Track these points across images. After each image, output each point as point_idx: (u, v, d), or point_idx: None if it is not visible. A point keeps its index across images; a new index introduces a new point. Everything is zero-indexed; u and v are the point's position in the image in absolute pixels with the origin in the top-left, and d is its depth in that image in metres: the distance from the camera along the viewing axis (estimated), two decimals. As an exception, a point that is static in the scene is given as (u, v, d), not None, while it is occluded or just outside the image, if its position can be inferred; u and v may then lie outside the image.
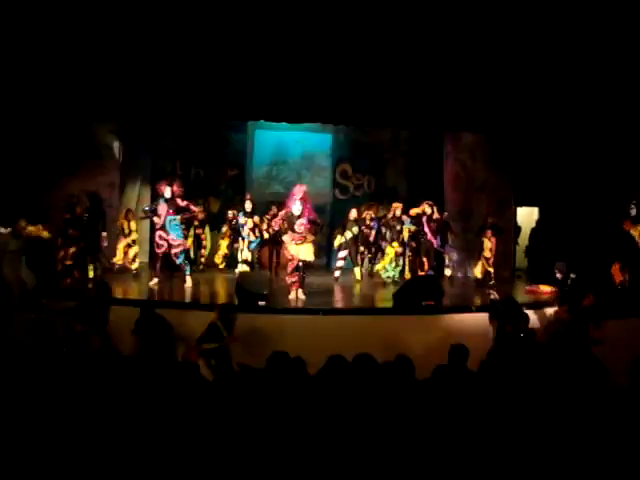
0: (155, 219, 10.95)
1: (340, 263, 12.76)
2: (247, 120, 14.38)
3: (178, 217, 10.95)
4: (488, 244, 12.40)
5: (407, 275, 12.42)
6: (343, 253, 12.76)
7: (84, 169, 13.13)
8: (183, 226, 11.35)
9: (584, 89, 10.67)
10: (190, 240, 12.87)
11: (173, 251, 10.85)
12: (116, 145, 13.78)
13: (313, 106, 11.16)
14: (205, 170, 15.58)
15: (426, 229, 12.39)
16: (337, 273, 12.61)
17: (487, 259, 12.40)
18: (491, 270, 12.33)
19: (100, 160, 13.48)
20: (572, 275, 8.92)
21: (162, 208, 10.80)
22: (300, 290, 10.11)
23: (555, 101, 10.98)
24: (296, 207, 10.03)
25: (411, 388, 4.27)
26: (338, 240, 12.79)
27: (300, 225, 9.98)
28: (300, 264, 10.12)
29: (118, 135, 13.81)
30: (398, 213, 12.68)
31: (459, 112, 11.42)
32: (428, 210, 12.38)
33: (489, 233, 12.41)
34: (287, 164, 15.47)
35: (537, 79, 10.75)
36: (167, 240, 10.75)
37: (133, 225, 12.65)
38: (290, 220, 10.11)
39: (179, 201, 10.95)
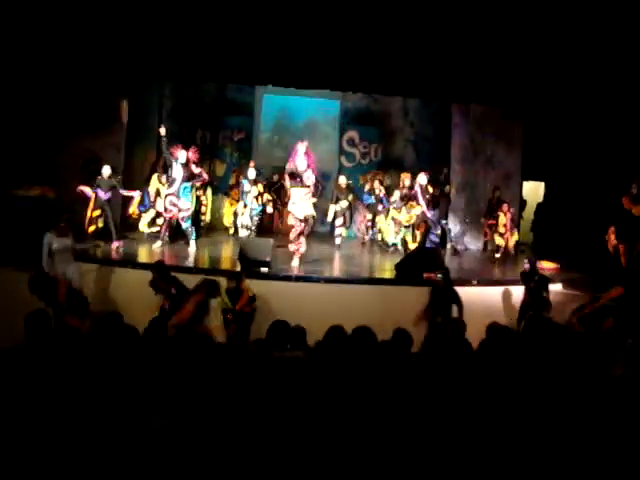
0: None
1: (339, 231, 12.76)
2: (255, 84, 14.27)
3: (190, 183, 11.01)
4: (503, 219, 12.33)
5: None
6: (339, 221, 12.75)
7: (90, 130, 13.08)
8: (193, 191, 11.35)
9: (593, 63, 10.54)
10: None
11: (181, 215, 10.93)
12: (123, 107, 13.68)
13: (322, 72, 11.06)
14: (211, 133, 15.52)
15: (420, 200, 12.16)
16: (338, 241, 12.63)
17: (502, 234, 12.35)
18: (502, 244, 12.29)
19: (106, 121, 13.42)
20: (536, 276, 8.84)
21: (177, 172, 10.79)
22: (302, 254, 10.22)
23: (564, 76, 10.85)
24: (301, 161, 10.05)
25: (409, 362, 4.29)
26: (332, 209, 12.73)
27: (307, 178, 10.01)
28: (305, 228, 10.23)
29: (125, 96, 13.72)
30: (407, 183, 12.60)
31: (468, 83, 11.30)
32: (423, 181, 12.17)
33: (505, 207, 12.33)
34: (294, 129, 15.37)
35: (546, 52, 10.61)
36: (177, 205, 10.82)
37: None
38: (295, 175, 10.09)
39: (193, 167, 11.01)
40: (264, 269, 9.08)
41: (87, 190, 10.98)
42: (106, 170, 10.96)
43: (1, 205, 9.89)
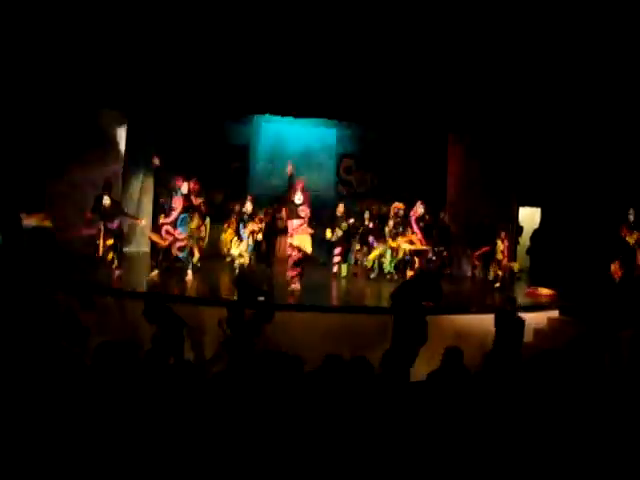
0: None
1: (337, 259, 12.78)
2: (252, 113, 14.37)
3: (187, 215, 11.06)
4: (501, 246, 12.38)
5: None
6: (337, 250, 12.81)
7: (88, 158, 13.15)
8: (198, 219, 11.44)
9: (587, 91, 10.65)
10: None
11: (177, 244, 10.95)
12: (121, 135, 13.78)
13: (319, 101, 11.17)
14: (208, 162, 15.58)
15: (415, 228, 12.32)
16: (335, 269, 12.68)
17: (499, 261, 12.39)
18: (500, 273, 12.33)
19: (104, 149, 13.50)
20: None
21: (177, 202, 10.87)
22: (299, 283, 10.49)
23: (558, 103, 10.96)
24: (297, 197, 10.62)
25: (405, 391, 4.30)
26: (328, 236, 12.78)
27: (302, 211, 10.59)
28: (301, 257, 10.54)
29: (123, 125, 13.83)
30: (400, 212, 12.67)
31: (463, 113, 11.41)
32: (420, 210, 12.34)
33: (503, 235, 12.40)
34: (290, 158, 15.38)
35: (540, 81, 10.73)
36: (173, 234, 10.86)
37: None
38: (292, 210, 10.69)
39: (193, 198, 11.09)
40: (261, 298, 9.07)
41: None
42: (106, 200, 10.99)
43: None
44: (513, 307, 8.43)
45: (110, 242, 11.04)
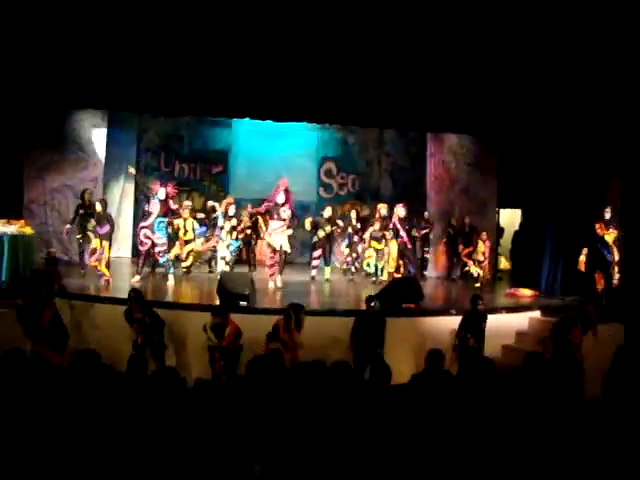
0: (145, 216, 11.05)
1: (316, 262, 12.72)
2: (232, 117, 14.33)
3: (166, 219, 11.09)
4: (482, 247, 12.46)
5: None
6: (317, 252, 12.75)
7: (67, 164, 13.08)
8: (169, 227, 11.39)
9: (566, 92, 10.73)
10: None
11: (157, 249, 10.98)
12: (99, 140, 13.70)
13: (299, 105, 11.13)
14: (189, 166, 15.56)
15: (401, 232, 12.42)
16: (313, 272, 12.59)
17: (480, 262, 12.46)
18: (481, 273, 12.42)
19: (84, 154, 13.42)
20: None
21: (154, 207, 10.87)
22: (279, 278, 10.98)
23: (538, 103, 11.03)
24: (280, 197, 10.90)
25: (388, 394, 4.30)
26: (307, 227, 12.82)
27: (283, 212, 10.86)
28: (281, 257, 10.99)
29: (103, 130, 13.75)
30: (384, 213, 12.64)
31: (443, 113, 11.44)
32: (402, 212, 12.45)
33: (484, 236, 12.50)
34: (271, 162, 15.41)
35: (520, 82, 10.79)
36: (151, 239, 10.85)
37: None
38: (274, 210, 10.95)
39: (171, 203, 11.14)
40: (243, 303, 9.05)
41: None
42: (98, 206, 10.95)
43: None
44: (476, 305, 8.54)
45: (97, 246, 10.92)
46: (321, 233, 12.64)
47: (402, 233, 12.36)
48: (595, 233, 10.51)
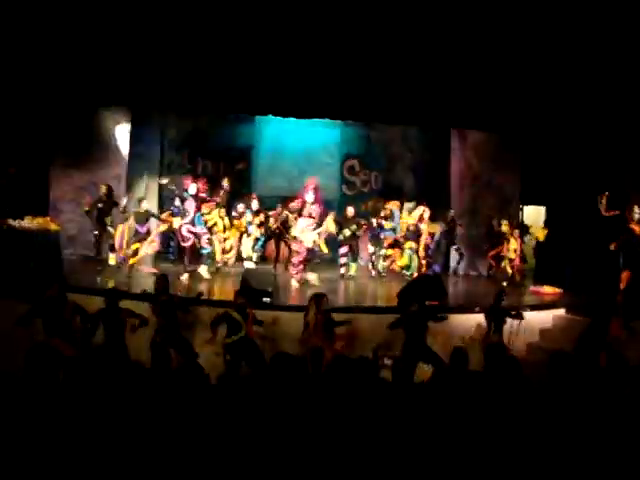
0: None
1: (343, 259, 12.72)
2: (255, 114, 14.36)
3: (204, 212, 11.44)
4: (514, 244, 12.34)
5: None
6: (344, 249, 12.72)
7: (91, 161, 13.19)
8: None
9: (592, 87, 10.62)
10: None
11: (202, 241, 11.32)
12: (123, 137, 13.80)
13: (322, 101, 11.16)
14: (212, 163, 15.60)
15: (424, 233, 12.50)
16: (342, 270, 12.62)
17: (511, 260, 12.35)
18: (509, 272, 12.33)
19: (107, 152, 13.53)
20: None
21: (189, 204, 11.20)
22: (314, 275, 11.21)
23: (563, 99, 10.94)
24: (309, 195, 11.15)
25: (410, 391, 4.29)
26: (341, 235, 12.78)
27: (313, 210, 11.11)
28: (308, 256, 11.14)
29: (127, 127, 13.85)
30: (395, 212, 12.75)
31: (466, 110, 11.39)
32: (426, 214, 12.50)
33: (517, 233, 12.37)
34: (294, 159, 15.42)
35: (544, 77, 10.70)
36: (195, 233, 11.18)
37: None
38: (303, 208, 11.21)
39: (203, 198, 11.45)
40: (266, 299, 9.06)
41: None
42: (144, 204, 11.70)
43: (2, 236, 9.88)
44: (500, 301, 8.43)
45: (136, 246, 11.50)
46: (347, 232, 12.62)
47: (425, 235, 12.37)
48: (631, 232, 10.27)
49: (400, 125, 15.21)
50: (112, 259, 11.93)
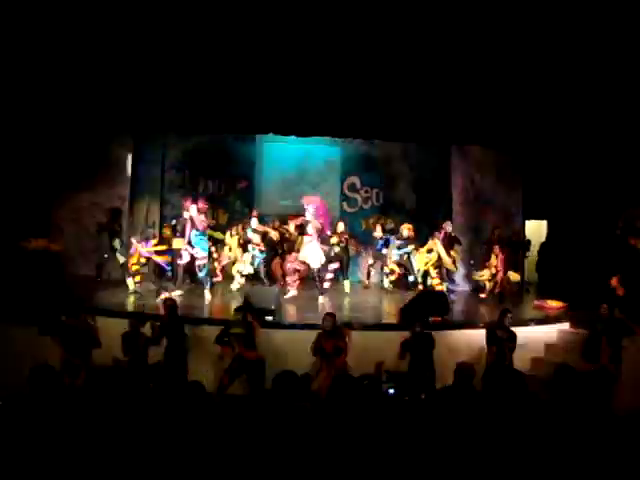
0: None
1: (330, 275, 12.44)
2: (256, 133, 14.42)
3: (206, 235, 11.34)
4: (494, 261, 12.36)
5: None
6: (333, 265, 12.60)
7: (94, 182, 13.25)
8: (208, 241, 11.62)
9: (592, 102, 10.64)
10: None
11: (197, 263, 11.16)
12: (127, 158, 13.87)
13: (322, 119, 11.19)
14: (214, 182, 15.64)
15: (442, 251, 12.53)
16: (326, 285, 12.19)
17: (494, 275, 12.35)
18: (488, 286, 12.35)
19: (110, 172, 13.59)
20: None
21: (187, 223, 11.11)
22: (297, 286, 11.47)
23: (563, 114, 10.96)
24: (310, 212, 11.40)
25: (415, 408, 4.26)
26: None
27: (313, 227, 11.32)
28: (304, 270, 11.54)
29: (129, 148, 13.92)
30: (406, 234, 12.76)
31: (467, 126, 11.42)
32: (449, 228, 12.69)
33: (497, 248, 12.37)
34: (295, 177, 15.48)
35: (543, 92, 10.73)
36: (191, 253, 11.07)
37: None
38: (305, 225, 11.49)
39: (202, 217, 11.22)
40: (269, 317, 9.06)
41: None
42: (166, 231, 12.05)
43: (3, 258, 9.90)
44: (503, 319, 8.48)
45: (137, 267, 11.60)
46: (337, 248, 12.59)
47: (443, 253, 12.40)
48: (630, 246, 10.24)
49: (401, 142, 15.24)
50: (131, 284, 11.63)
